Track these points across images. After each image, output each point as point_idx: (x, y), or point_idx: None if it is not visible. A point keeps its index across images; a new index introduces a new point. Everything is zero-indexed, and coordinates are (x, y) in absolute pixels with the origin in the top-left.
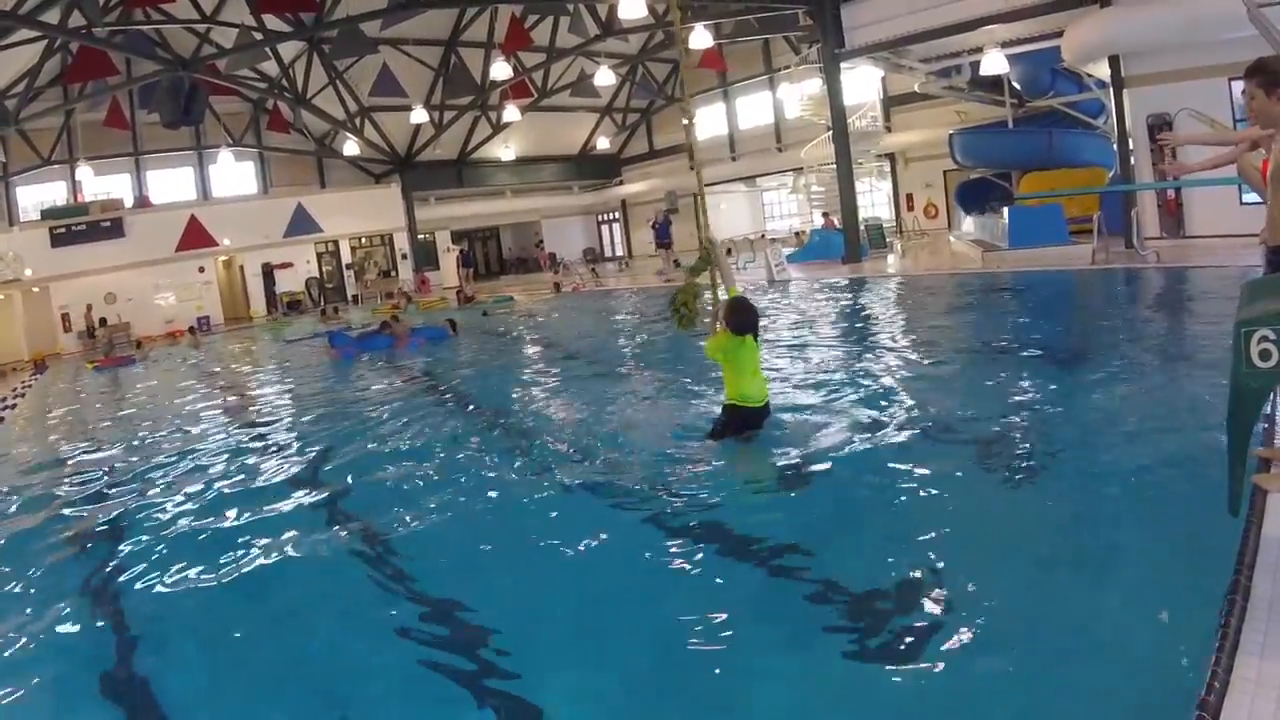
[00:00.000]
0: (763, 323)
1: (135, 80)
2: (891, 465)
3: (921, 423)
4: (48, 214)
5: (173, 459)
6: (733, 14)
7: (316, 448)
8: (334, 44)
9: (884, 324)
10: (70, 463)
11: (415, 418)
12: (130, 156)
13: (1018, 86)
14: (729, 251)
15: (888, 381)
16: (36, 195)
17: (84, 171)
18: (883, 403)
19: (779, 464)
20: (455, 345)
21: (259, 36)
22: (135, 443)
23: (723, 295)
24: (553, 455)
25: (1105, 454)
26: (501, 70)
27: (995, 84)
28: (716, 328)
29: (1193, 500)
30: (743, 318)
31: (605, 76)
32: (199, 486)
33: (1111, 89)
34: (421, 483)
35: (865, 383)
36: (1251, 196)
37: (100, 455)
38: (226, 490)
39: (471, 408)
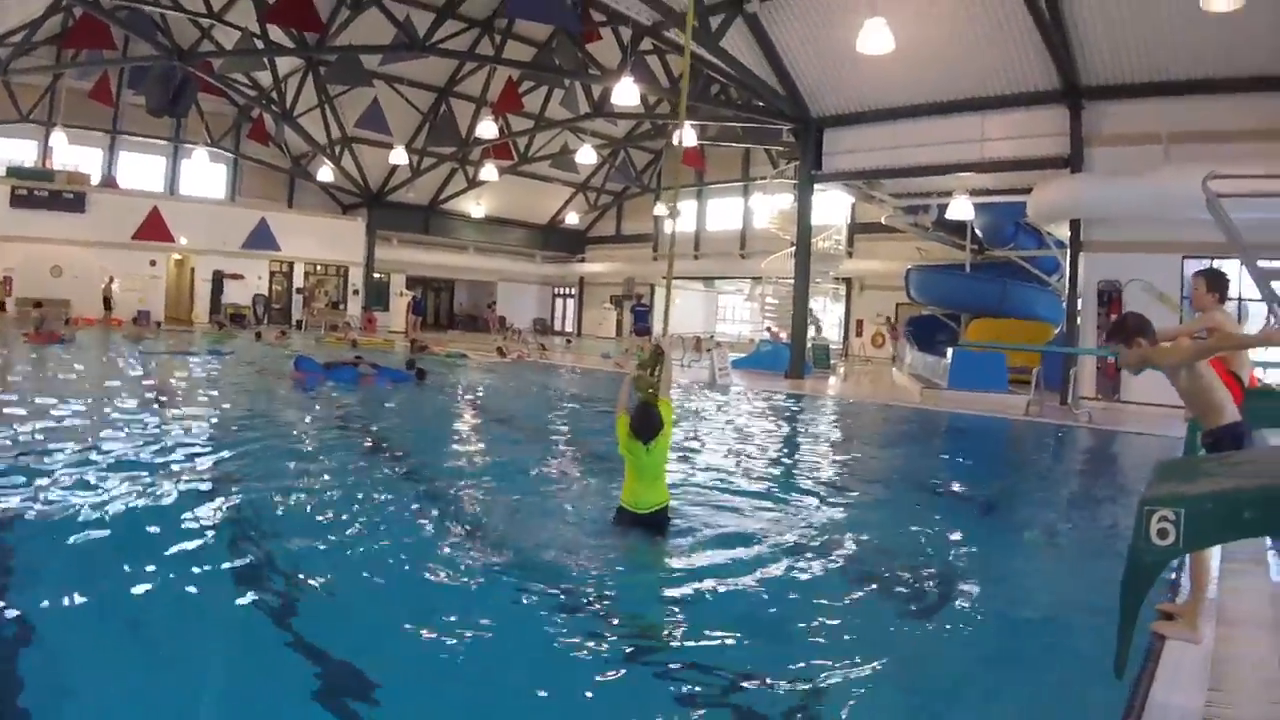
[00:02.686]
0: (694, 421)
1: (129, 60)
2: (784, 580)
3: (825, 543)
4: (13, 172)
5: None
6: (721, 119)
7: (229, 470)
8: (331, 68)
9: (812, 443)
10: None
11: (345, 461)
12: (107, 133)
13: (980, 234)
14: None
15: (802, 500)
16: (6, 150)
17: (58, 137)
18: (792, 519)
19: (679, 561)
20: (418, 390)
21: (260, 45)
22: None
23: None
24: (464, 525)
25: (1005, 601)
26: (488, 129)
27: (959, 228)
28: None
29: (1084, 657)
30: (637, 422)
31: (587, 154)
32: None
33: (1069, 250)
34: (332, 534)
35: (781, 496)
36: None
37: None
38: (126, 491)
39: (400, 460)
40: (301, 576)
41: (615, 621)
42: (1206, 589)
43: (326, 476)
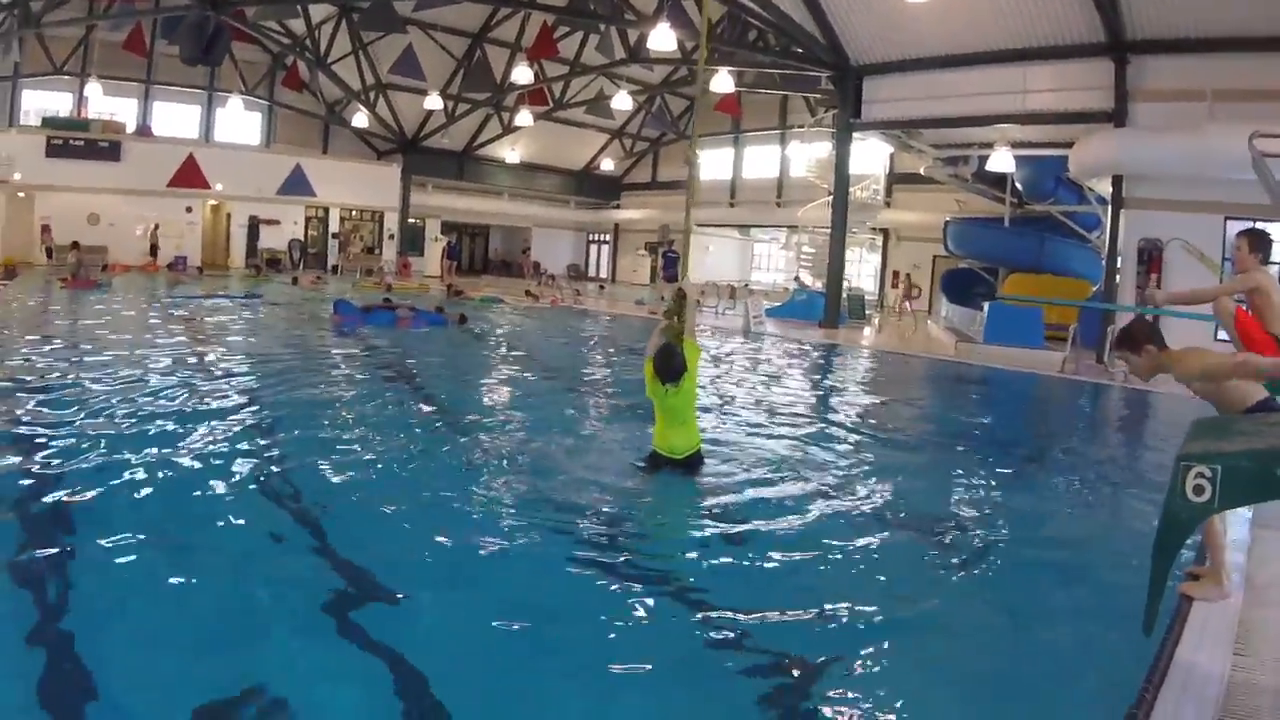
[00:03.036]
0: (727, 368)
1: (162, 10)
2: (813, 530)
3: (855, 495)
4: (48, 123)
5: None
6: (759, 65)
7: (260, 409)
8: (365, 15)
9: (844, 393)
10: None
11: (381, 401)
12: (141, 83)
13: (1020, 187)
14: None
15: (833, 451)
16: (41, 101)
17: (93, 88)
18: (822, 470)
19: (711, 509)
20: (455, 336)
21: None
22: (82, 369)
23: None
24: (491, 465)
25: (1036, 557)
26: (523, 74)
27: (999, 181)
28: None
29: (1112, 614)
30: (659, 363)
31: (623, 100)
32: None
33: (1110, 207)
34: (365, 472)
35: (811, 447)
36: (1225, 335)
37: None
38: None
39: (435, 401)
40: (333, 523)
41: (642, 567)
42: (1224, 549)
43: (362, 417)
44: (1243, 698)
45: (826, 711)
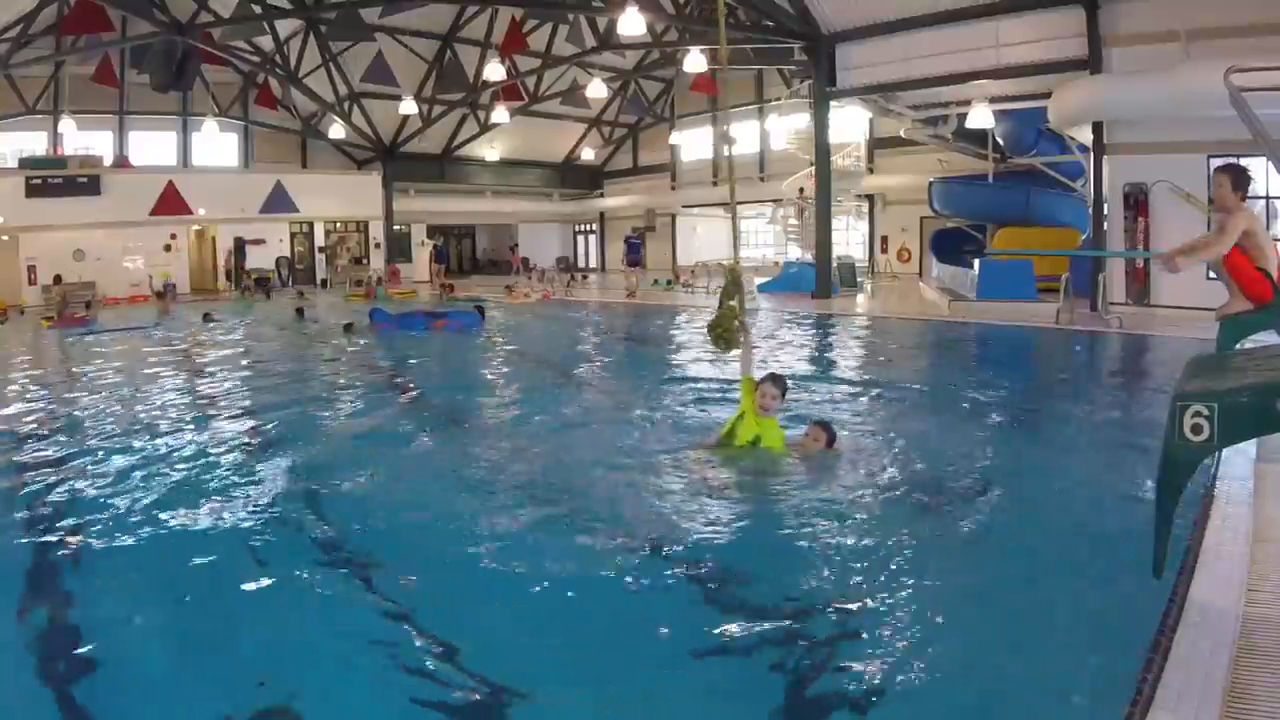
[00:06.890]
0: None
1: (130, 39)
2: (822, 496)
3: (863, 457)
4: (25, 163)
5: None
6: (730, 42)
7: (277, 426)
8: (332, 26)
9: (841, 361)
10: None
11: (387, 407)
12: (115, 115)
13: (1001, 142)
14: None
15: (837, 416)
16: (16, 143)
17: (66, 124)
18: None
19: (726, 484)
20: (486, 333)
21: (258, 9)
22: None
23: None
24: (528, 467)
25: (1044, 508)
26: (495, 71)
27: (980, 137)
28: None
29: (1123, 560)
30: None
31: (597, 89)
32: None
33: (1092, 154)
34: (395, 482)
35: (816, 415)
36: (1214, 274)
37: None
38: (175, 467)
39: (444, 402)
40: (360, 526)
41: (659, 548)
42: None
43: (375, 423)
44: (1259, 632)
45: (853, 682)
